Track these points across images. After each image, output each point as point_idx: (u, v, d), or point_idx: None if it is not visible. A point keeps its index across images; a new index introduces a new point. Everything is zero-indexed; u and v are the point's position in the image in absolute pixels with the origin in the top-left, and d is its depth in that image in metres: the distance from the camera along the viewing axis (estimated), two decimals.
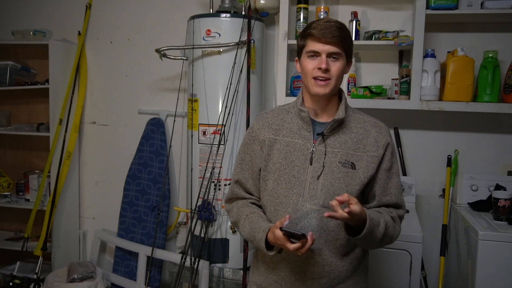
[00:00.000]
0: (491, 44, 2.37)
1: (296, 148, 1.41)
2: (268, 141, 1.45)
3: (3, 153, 3.28)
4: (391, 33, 2.32)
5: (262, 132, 1.48)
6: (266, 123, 1.49)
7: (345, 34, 1.37)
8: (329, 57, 1.35)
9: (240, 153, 1.55)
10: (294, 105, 1.48)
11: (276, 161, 1.42)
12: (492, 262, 1.91)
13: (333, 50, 1.35)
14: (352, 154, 1.39)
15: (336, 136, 1.40)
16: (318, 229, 1.36)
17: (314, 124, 1.42)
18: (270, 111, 1.53)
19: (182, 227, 2.89)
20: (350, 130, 1.42)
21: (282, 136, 1.44)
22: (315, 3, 2.43)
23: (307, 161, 1.39)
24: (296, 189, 1.39)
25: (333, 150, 1.38)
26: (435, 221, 2.52)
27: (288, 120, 1.46)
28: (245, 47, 2.32)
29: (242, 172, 1.52)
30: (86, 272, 2.61)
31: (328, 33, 1.33)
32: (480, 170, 2.46)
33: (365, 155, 1.39)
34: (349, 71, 1.43)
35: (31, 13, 3.14)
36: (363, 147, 1.40)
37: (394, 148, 1.46)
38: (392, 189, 1.44)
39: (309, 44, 1.37)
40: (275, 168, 1.42)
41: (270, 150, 1.44)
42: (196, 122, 2.43)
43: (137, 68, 2.98)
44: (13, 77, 2.96)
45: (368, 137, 1.41)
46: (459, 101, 2.22)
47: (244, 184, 1.52)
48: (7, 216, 3.25)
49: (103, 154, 3.12)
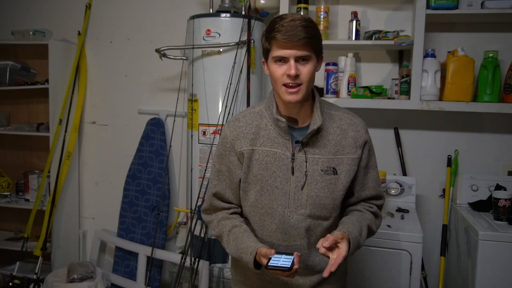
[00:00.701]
0: (491, 44, 2.37)
1: (276, 158, 1.35)
2: (246, 153, 1.37)
3: (3, 153, 3.28)
4: (391, 33, 2.32)
5: (238, 144, 1.39)
6: (240, 133, 1.39)
7: (313, 32, 1.26)
8: (297, 61, 1.26)
9: (216, 165, 1.45)
10: (266, 109, 1.40)
11: (257, 173, 1.36)
12: (492, 262, 1.91)
13: (301, 54, 1.25)
14: (333, 159, 1.35)
15: (314, 140, 1.35)
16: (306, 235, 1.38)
17: (291, 130, 1.36)
18: (241, 118, 1.42)
19: (182, 227, 2.89)
20: (327, 131, 1.36)
21: (260, 145, 1.37)
22: (315, 3, 2.43)
23: (289, 171, 1.34)
24: (280, 200, 1.35)
25: (313, 157, 1.34)
26: (435, 221, 2.52)
27: (263, 127, 1.38)
28: (245, 47, 2.32)
29: (219, 184, 1.44)
30: (86, 272, 2.61)
31: (294, 36, 1.22)
32: (480, 170, 2.46)
33: (345, 157, 1.36)
34: (320, 68, 1.36)
35: (31, 13, 3.14)
36: (342, 149, 1.36)
37: (371, 144, 1.44)
38: (370, 183, 1.44)
39: (274, 49, 1.26)
40: (256, 180, 1.37)
41: (249, 161, 1.37)
42: (196, 122, 2.43)
43: (137, 68, 2.98)
44: (13, 77, 2.96)
45: (346, 138, 1.37)
46: (459, 101, 2.22)
47: (222, 195, 1.45)
48: (7, 216, 3.25)
49: (103, 154, 3.12)
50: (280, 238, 1.38)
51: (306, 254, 1.39)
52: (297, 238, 1.37)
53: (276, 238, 1.39)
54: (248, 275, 1.48)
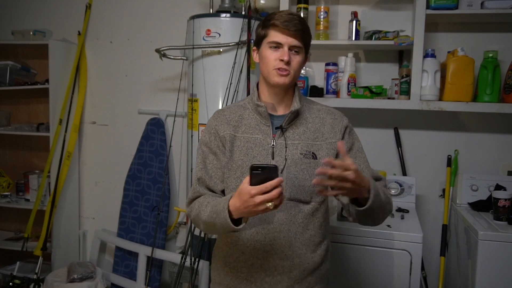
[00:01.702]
0: (491, 44, 2.37)
1: (257, 144, 1.40)
2: (228, 137, 1.42)
3: (3, 153, 3.28)
4: (391, 33, 2.32)
5: (222, 128, 1.44)
6: (224, 120, 1.46)
7: (307, 29, 1.38)
8: (290, 50, 1.35)
9: (199, 152, 1.49)
10: (249, 101, 1.47)
11: (238, 158, 1.40)
12: (492, 262, 1.91)
13: (295, 43, 1.35)
14: (312, 144, 1.40)
15: (294, 128, 1.41)
16: (287, 222, 1.36)
17: (272, 118, 1.42)
18: (226, 108, 1.50)
19: (182, 227, 2.89)
20: (307, 120, 1.43)
21: (241, 132, 1.42)
22: (315, 3, 2.43)
23: (269, 155, 1.39)
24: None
25: (293, 142, 1.39)
26: (435, 221, 2.52)
27: (246, 116, 1.45)
28: (245, 47, 2.32)
29: (204, 169, 1.45)
30: (86, 272, 2.61)
31: (291, 25, 1.33)
32: (480, 170, 2.46)
33: (324, 143, 1.41)
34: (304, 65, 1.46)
35: (31, 13, 3.14)
36: (321, 136, 1.42)
37: (351, 129, 1.47)
38: (361, 166, 1.43)
39: (272, 35, 1.36)
40: (237, 166, 1.40)
41: (232, 147, 1.42)
42: (196, 122, 2.43)
43: (137, 68, 2.98)
44: (13, 77, 2.96)
45: (325, 125, 1.43)
46: (459, 101, 2.22)
47: (207, 182, 1.44)
48: (7, 216, 3.25)
49: (103, 154, 3.12)
50: (260, 226, 1.37)
51: (287, 244, 1.37)
52: (277, 224, 1.36)
53: (256, 225, 1.37)
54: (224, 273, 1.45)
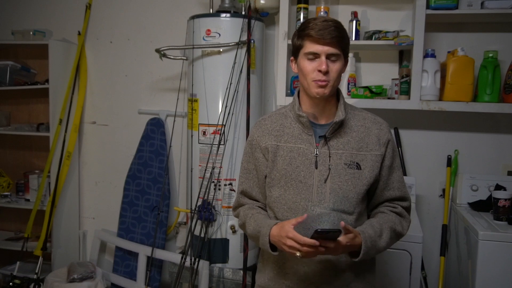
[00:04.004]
0: (491, 44, 2.37)
1: (300, 153, 1.39)
2: (271, 147, 1.43)
3: (3, 153, 3.28)
4: (391, 33, 2.32)
5: (263, 140, 1.45)
6: (266, 130, 1.46)
7: (343, 33, 1.35)
8: (328, 58, 1.33)
9: (243, 163, 1.53)
10: (291, 109, 1.46)
11: (281, 168, 1.40)
12: (492, 262, 1.91)
13: (332, 51, 1.32)
14: (356, 154, 1.38)
15: (338, 137, 1.39)
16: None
17: (315, 127, 1.41)
18: (267, 117, 1.50)
19: (182, 227, 2.89)
20: (351, 129, 1.40)
21: (284, 142, 1.42)
22: (315, 3, 2.43)
23: (312, 165, 1.37)
24: (304, 194, 1.37)
25: (337, 151, 1.37)
26: (435, 221, 2.52)
27: (288, 125, 1.44)
28: (245, 47, 2.32)
29: (246, 181, 1.52)
30: (86, 272, 2.61)
31: (327, 34, 1.30)
32: (480, 170, 2.46)
33: (369, 154, 1.38)
34: (345, 70, 1.44)
35: (31, 13, 3.14)
36: (366, 146, 1.39)
37: (395, 144, 1.46)
38: (394, 183, 1.43)
39: (307, 45, 1.34)
40: (280, 175, 1.40)
41: (274, 157, 1.42)
42: (196, 122, 2.43)
43: (137, 68, 2.98)
44: (13, 77, 2.96)
45: (370, 135, 1.40)
46: (459, 101, 2.22)
47: (250, 193, 1.52)
48: (7, 216, 3.25)
49: (103, 154, 3.12)
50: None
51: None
52: None
53: None
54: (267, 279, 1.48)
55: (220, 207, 2.39)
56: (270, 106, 2.75)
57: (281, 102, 2.40)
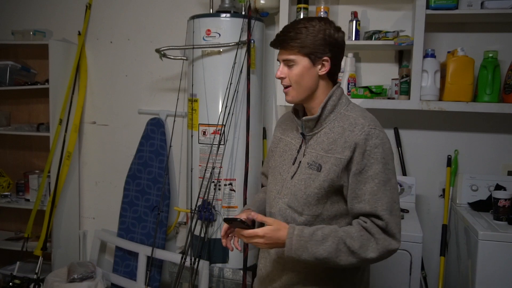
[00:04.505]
0: (491, 44, 2.37)
1: (290, 148, 1.44)
2: (275, 138, 1.53)
3: (3, 153, 3.28)
4: (391, 33, 2.32)
5: (276, 130, 1.56)
6: (282, 121, 1.55)
7: (302, 36, 1.27)
8: (286, 65, 1.32)
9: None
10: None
11: (275, 159, 1.48)
12: (492, 262, 1.91)
13: (286, 57, 1.31)
14: (322, 156, 1.31)
15: (317, 136, 1.36)
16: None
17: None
18: (286, 112, 1.60)
19: (182, 227, 2.89)
20: (332, 130, 1.33)
21: (286, 135, 1.49)
22: (315, 3, 2.43)
23: (292, 160, 1.41)
24: (277, 186, 1.43)
25: (310, 151, 1.36)
26: (435, 221, 2.52)
27: (291, 120, 1.49)
28: (245, 47, 2.32)
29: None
30: (86, 272, 2.61)
31: (281, 41, 1.30)
32: (480, 170, 2.46)
33: (332, 156, 1.29)
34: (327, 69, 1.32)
35: (31, 13, 3.14)
36: (335, 148, 1.30)
37: (372, 150, 1.25)
38: (366, 195, 1.25)
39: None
40: (273, 166, 1.48)
41: (275, 147, 1.51)
42: (196, 122, 2.43)
43: (137, 68, 2.98)
44: (13, 77, 2.96)
45: (341, 138, 1.29)
46: (459, 101, 2.22)
47: (266, 174, 1.62)
48: (7, 216, 3.25)
49: (103, 154, 3.12)
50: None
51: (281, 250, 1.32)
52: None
53: None
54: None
55: (220, 207, 2.39)
56: (270, 106, 2.75)
57: (281, 102, 2.40)
